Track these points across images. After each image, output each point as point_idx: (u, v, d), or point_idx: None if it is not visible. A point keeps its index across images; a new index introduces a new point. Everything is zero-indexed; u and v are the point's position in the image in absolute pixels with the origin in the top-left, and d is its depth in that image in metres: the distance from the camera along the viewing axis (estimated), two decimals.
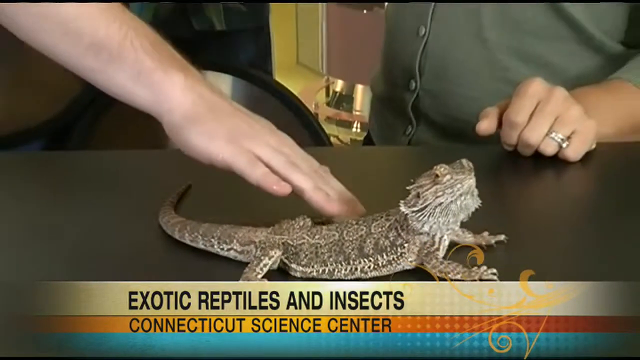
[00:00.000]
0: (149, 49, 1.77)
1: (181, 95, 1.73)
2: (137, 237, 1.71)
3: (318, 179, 1.75)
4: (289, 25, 4.46)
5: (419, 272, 1.55)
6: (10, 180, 1.99)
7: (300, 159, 1.78)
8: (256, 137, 1.73)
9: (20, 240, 1.77)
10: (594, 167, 1.87)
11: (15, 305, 1.49)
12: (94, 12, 1.80)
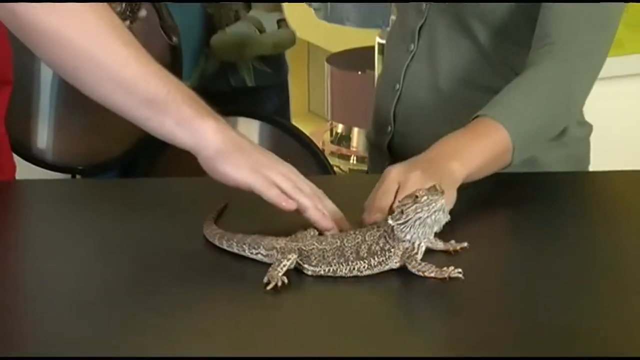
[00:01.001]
0: (187, 101, 1.79)
1: (214, 136, 1.76)
2: (187, 243, 1.72)
3: (317, 200, 1.76)
4: (302, 83, 4.46)
5: (402, 270, 1.57)
6: (91, 201, 1.99)
7: (303, 184, 1.79)
8: (271, 167, 1.75)
9: (97, 246, 1.77)
10: (536, 195, 1.89)
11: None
12: (146, 74, 1.81)
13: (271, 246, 1.62)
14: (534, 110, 1.83)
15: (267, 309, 1.55)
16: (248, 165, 1.76)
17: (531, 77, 1.86)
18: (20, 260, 1.76)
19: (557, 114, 1.89)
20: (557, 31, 1.87)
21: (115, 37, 1.85)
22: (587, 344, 1.43)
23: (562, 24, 1.87)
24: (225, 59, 2.73)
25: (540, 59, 1.86)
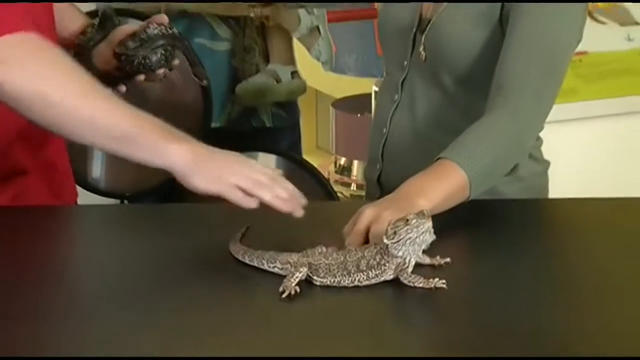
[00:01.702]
0: (156, 131, 1.79)
1: (181, 157, 1.77)
2: (216, 258, 1.71)
3: (275, 186, 1.78)
4: (311, 124, 4.46)
5: (395, 281, 1.56)
6: (136, 223, 2.00)
7: (261, 176, 1.81)
8: (233, 173, 1.77)
9: (139, 259, 1.77)
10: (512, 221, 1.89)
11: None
12: (117, 111, 1.82)
13: (285, 261, 1.62)
14: (487, 152, 1.81)
15: (282, 313, 1.54)
16: (213, 176, 1.77)
17: (485, 123, 1.85)
18: (74, 270, 1.78)
19: (507, 156, 1.88)
20: (509, 83, 1.86)
21: (88, 91, 1.85)
22: (549, 344, 1.43)
23: (513, 77, 1.87)
24: (247, 104, 2.73)
25: (494, 107, 1.86)
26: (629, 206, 1.98)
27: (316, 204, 2.02)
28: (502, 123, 1.85)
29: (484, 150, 1.81)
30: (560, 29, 1.92)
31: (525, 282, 1.64)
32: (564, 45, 1.94)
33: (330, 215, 1.83)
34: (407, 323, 1.57)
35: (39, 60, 1.83)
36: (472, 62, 1.96)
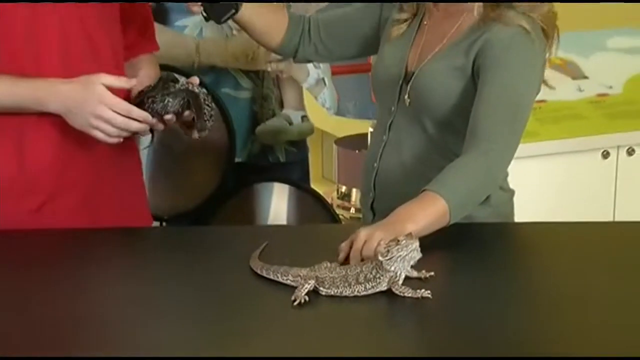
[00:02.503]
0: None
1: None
2: (238, 271, 1.69)
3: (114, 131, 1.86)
4: (318, 158, 4.46)
5: (388, 292, 1.55)
6: (173, 242, 1.99)
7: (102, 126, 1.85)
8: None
9: (175, 270, 1.75)
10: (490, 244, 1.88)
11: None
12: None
13: (296, 274, 1.60)
14: (464, 186, 1.82)
15: (293, 318, 1.54)
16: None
17: (462, 162, 1.85)
18: (125, 280, 1.75)
19: (480, 189, 1.88)
20: (481, 130, 1.86)
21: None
22: (516, 345, 1.44)
23: (485, 125, 1.86)
24: (265, 142, 2.72)
25: (469, 149, 1.86)
26: (580, 229, 1.98)
27: (322, 226, 2.03)
28: (477, 162, 1.85)
29: (461, 184, 1.82)
30: (523, 85, 1.92)
31: (497, 292, 1.63)
32: (526, 98, 1.93)
33: (333, 236, 1.79)
34: (398, 327, 1.55)
35: None
36: (448, 108, 1.95)
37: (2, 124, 1.93)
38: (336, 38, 2.17)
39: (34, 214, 1.98)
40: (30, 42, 1.91)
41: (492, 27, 1.91)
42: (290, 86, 2.78)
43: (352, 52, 2.21)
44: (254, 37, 2.15)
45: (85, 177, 2.02)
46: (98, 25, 1.99)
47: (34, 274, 1.74)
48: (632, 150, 2.80)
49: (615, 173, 2.79)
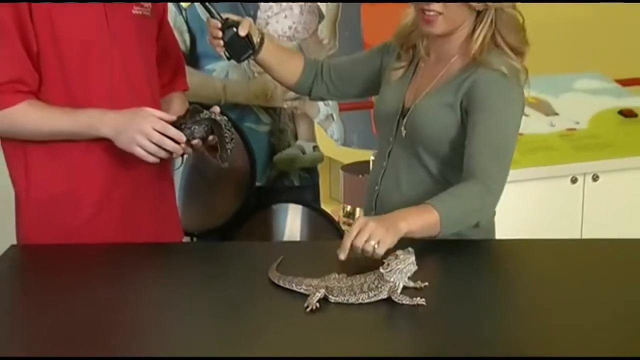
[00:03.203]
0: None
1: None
2: (258, 281, 1.67)
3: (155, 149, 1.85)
4: (326, 182, 4.42)
5: (388, 300, 1.54)
6: (202, 256, 1.96)
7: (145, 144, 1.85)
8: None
9: (201, 280, 1.74)
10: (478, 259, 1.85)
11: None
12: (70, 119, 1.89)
13: (309, 284, 1.59)
14: (458, 207, 1.81)
15: (306, 322, 1.52)
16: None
17: (462, 187, 1.84)
18: (157, 287, 1.73)
19: (474, 214, 1.86)
20: (475, 166, 1.85)
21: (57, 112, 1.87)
22: (501, 345, 1.44)
23: (479, 161, 1.85)
24: (282, 169, 2.70)
25: (466, 179, 1.85)
26: (553, 244, 1.96)
27: (331, 242, 2.00)
28: (473, 190, 1.84)
29: (457, 204, 1.82)
30: (507, 124, 1.91)
31: (483, 299, 1.61)
32: (511, 135, 1.92)
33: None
34: (397, 330, 1.54)
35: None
36: (439, 139, 1.93)
37: (55, 149, 1.93)
38: (344, 80, 2.17)
39: (80, 229, 1.97)
40: (83, 82, 1.91)
41: (478, 70, 1.89)
42: (303, 121, 2.77)
43: (357, 92, 2.20)
44: (274, 76, 2.15)
45: (125, 197, 2.01)
46: (139, 66, 2.00)
47: (79, 281, 1.73)
48: (596, 177, 2.80)
49: (582, 196, 2.79)
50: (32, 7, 1.82)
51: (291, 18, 2.65)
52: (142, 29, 2.00)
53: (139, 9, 1.98)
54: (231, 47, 1.97)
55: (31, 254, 1.93)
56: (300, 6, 2.66)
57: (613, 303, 1.58)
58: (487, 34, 1.89)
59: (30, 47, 1.84)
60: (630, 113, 3.05)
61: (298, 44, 2.67)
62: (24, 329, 1.54)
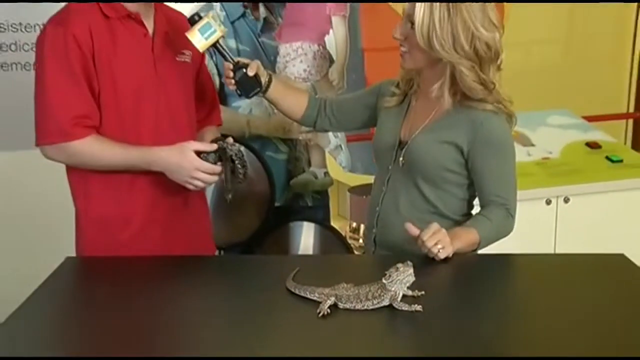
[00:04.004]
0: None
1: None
2: (276, 289, 1.65)
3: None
4: (335, 201, 4.38)
5: (390, 307, 1.52)
6: (226, 268, 1.95)
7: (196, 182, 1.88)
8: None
9: (225, 289, 1.72)
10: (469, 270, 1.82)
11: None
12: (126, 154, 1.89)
13: (321, 292, 1.57)
14: (491, 230, 1.86)
15: (318, 325, 1.50)
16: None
17: (490, 213, 1.89)
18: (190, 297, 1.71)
19: (501, 232, 1.91)
20: (496, 194, 1.89)
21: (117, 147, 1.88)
22: (492, 347, 1.43)
23: (498, 191, 1.89)
24: (297, 192, 2.68)
25: (489, 205, 1.90)
26: (531, 259, 1.93)
27: (340, 256, 2.01)
28: (500, 215, 1.89)
29: (492, 228, 1.87)
30: (511, 155, 1.93)
31: (471, 305, 1.59)
32: (513, 163, 1.93)
33: (348, 264, 1.81)
34: (397, 333, 1.52)
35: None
36: (434, 170, 1.91)
37: (108, 177, 1.93)
38: (344, 114, 2.15)
39: (126, 244, 1.97)
40: (134, 118, 1.93)
41: (471, 111, 1.86)
42: (316, 150, 2.75)
43: (356, 125, 2.18)
44: (281, 110, 2.16)
45: (165, 216, 2.01)
46: (180, 105, 2.02)
47: (124, 289, 1.71)
48: (567, 199, 2.78)
49: (555, 216, 2.78)
50: (95, 56, 1.85)
51: (306, 62, 2.64)
52: (184, 74, 2.02)
53: (182, 56, 2.01)
54: (241, 85, 1.98)
55: (84, 264, 1.92)
56: (314, 52, 2.65)
57: (585, 307, 1.58)
58: (447, 80, 1.85)
59: (93, 88, 1.86)
60: (595, 145, 3.06)
61: (312, 84, 2.67)
62: (78, 330, 1.54)
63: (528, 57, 3.90)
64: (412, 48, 1.85)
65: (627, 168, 2.91)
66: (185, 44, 1.96)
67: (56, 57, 1.82)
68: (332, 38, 2.69)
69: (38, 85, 1.86)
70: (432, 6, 1.77)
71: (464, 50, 1.80)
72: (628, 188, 2.83)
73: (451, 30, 1.78)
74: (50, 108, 1.84)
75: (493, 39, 1.81)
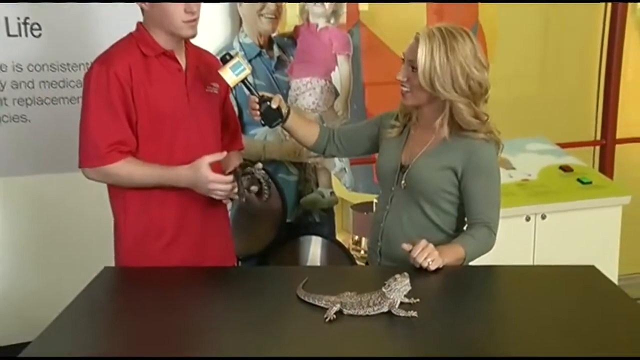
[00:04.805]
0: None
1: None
2: (287, 297, 1.65)
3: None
4: (340, 217, 4.38)
5: (389, 313, 1.52)
6: (244, 280, 1.92)
7: (218, 192, 1.88)
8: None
9: (241, 299, 1.69)
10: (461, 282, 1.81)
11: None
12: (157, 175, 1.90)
13: (328, 299, 1.56)
14: (475, 245, 1.85)
15: (325, 329, 1.49)
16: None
17: (475, 232, 1.87)
18: (207, 303, 1.71)
19: (484, 248, 1.89)
20: (481, 215, 1.88)
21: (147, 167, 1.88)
22: (481, 347, 1.43)
23: (483, 212, 1.88)
24: (306, 209, 2.68)
25: (475, 224, 1.88)
26: (513, 269, 1.93)
27: (344, 267, 2.01)
28: (483, 231, 1.87)
29: (476, 244, 1.85)
30: (495, 178, 1.91)
31: (460, 311, 1.58)
32: (499, 185, 1.92)
33: (351, 274, 1.81)
34: (395, 336, 1.51)
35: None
36: (434, 191, 1.91)
37: (144, 194, 1.94)
38: (350, 142, 2.15)
39: (157, 255, 1.96)
40: (169, 142, 1.94)
41: (465, 140, 1.87)
42: (323, 172, 2.75)
43: (360, 151, 2.18)
44: (296, 139, 2.16)
45: (194, 230, 2.01)
46: (208, 131, 2.03)
47: (157, 296, 1.71)
48: (544, 216, 2.77)
49: (534, 231, 2.77)
50: (134, 90, 1.87)
51: (314, 95, 2.64)
52: (212, 103, 2.04)
53: (210, 88, 2.03)
54: (265, 116, 1.98)
55: (120, 274, 1.92)
56: (321, 86, 2.66)
57: (559, 312, 1.58)
58: (447, 114, 1.86)
59: (131, 118, 1.88)
60: (567, 168, 3.05)
61: (319, 114, 2.67)
62: (113, 332, 1.54)
63: (509, 91, 3.90)
64: (414, 88, 1.87)
65: (595, 189, 2.91)
66: (213, 78, 1.98)
67: (99, 92, 1.84)
68: (337, 74, 2.69)
69: (82, 116, 1.88)
70: (433, 53, 1.80)
71: (461, 89, 1.82)
72: (597, 206, 2.83)
73: (450, 73, 1.80)
74: (91, 136, 1.86)
75: (484, 78, 1.84)
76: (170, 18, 1.85)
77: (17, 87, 2.35)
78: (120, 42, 1.92)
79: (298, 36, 2.64)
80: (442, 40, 1.80)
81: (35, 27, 2.33)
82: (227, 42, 2.58)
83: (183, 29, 1.88)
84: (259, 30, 2.53)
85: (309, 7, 2.60)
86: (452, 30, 1.82)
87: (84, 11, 2.40)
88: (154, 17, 1.88)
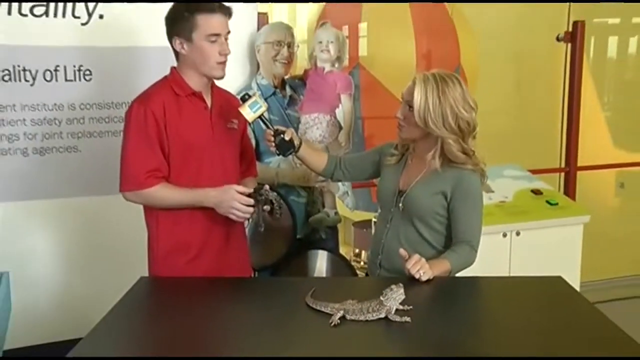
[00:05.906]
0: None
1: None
2: (297, 305, 1.63)
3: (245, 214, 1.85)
4: (342, 233, 4.32)
5: (386, 318, 1.50)
6: (258, 290, 1.92)
7: (236, 211, 1.85)
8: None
9: (253, 306, 1.67)
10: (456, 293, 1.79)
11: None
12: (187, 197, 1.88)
13: (333, 306, 1.54)
14: (459, 260, 1.82)
15: (330, 332, 1.47)
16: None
17: (459, 249, 1.84)
18: (227, 311, 1.68)
19: (467, 262, 1.86)
20: (465, 234, 1.86)
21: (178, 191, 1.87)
22: (469, 349, 1.40)
23: (467, 232, 1.86)
24: (314, 227, 2.65)
25: (460, 243, 1.86)
26: (491, 280, 1.90)
27: (347, 278, 1.99)
28: (467, 250, 1.85)
29: (460, 259, 1.83)
30: (478, 204, 1.89)
31: (449, 316, 1.56)
32: (481, 210, 1.90)
33: (353, 285, 1.78)
34: (391, 339, 1.48)
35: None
36: (427, 214, 1.89)
37: (174, 213, 1.92)
38: (354, 169, 2.14)
39: (185, 266, 1.95)
40: (196, 170, 1.93)
41: (454, 170, 1.86)
42: (328, 195, 2.72)
43: (364, 177, 2.16)
44: (307, 166, 2.15)
45: (216, 245, 1.99)
46: (230, 160, 2.03)
47: (185, 303, 1.70)
48: (519, 232, 2.75)
49: (510, 246, 2.74)
50: (167, 125, 1.88)
51: (321, 129, 2.63)
52: (233, 137, 2.04)
53: (231, 124, 2.03)
54: (280, 147, 1.98)
55: (154, 283, 1.90)
56: (327, 121, 2.64)
57: (530, 316, 1.57)
58: (439, 149, 1.85)
59: (164, 149, 1.89)
60: (538, 191, 3.04)
61: (325, 145, 2.65)
62: (148, 335, 1.53)
63: (487, 124, 3.91)
64: (410, 125, 1.86)
65: (562, 209, 2.90)
66: (234, 115, 1.99)
67: (137, 127, 1.86)
68: (340, 110, 2.69)
69: (123, 147, 1.89)
70: (427, 95, 1.80)
71: (450, 127, 1.81)
72: (562, 224, 2.82)
73: (441, 113, 1.80)
74: (130, 164, 1.87)
75: (471, 117, 1.83)
76: (206, 59, 1.87)
77: (70, 123, 2.40)
78: (156, 83, 1.94)
79: (307, 78, 2.65)
80: (435, 84, 1.80)
81: (87, 72, 2.40)
82: (246, 83, 2.59)
83: (215, 70, 1.90)
84: (274, 73, 2.54)
85: (317, 54, 2.61)
86: (444, 75, 1.82)
87: (125, 58, 2.45)
88: (192, 58, 1.89)
